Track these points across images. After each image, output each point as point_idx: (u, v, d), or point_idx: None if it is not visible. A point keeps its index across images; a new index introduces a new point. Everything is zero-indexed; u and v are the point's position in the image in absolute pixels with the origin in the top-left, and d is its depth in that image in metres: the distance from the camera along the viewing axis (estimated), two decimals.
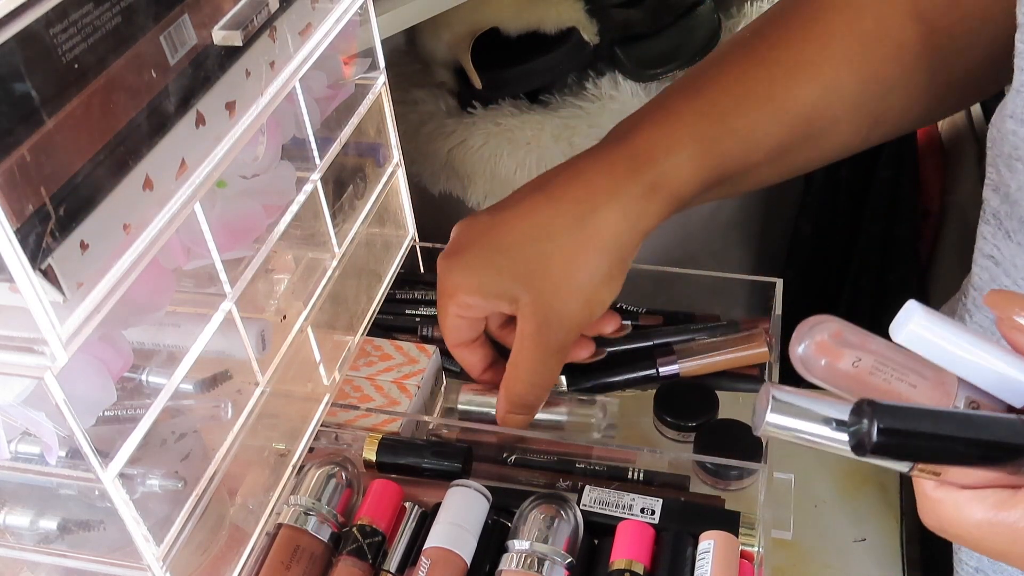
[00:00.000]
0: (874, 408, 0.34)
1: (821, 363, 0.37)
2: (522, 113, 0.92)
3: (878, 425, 0.34)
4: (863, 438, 0.34)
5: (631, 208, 0.54)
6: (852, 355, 0.37)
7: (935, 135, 1.12)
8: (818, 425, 0.37)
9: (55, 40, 0.34)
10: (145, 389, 0.45)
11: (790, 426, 0.38)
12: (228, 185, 0.49)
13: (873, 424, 0.34)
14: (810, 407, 0.38)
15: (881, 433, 0.34)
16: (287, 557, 0.53)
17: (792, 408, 0.38)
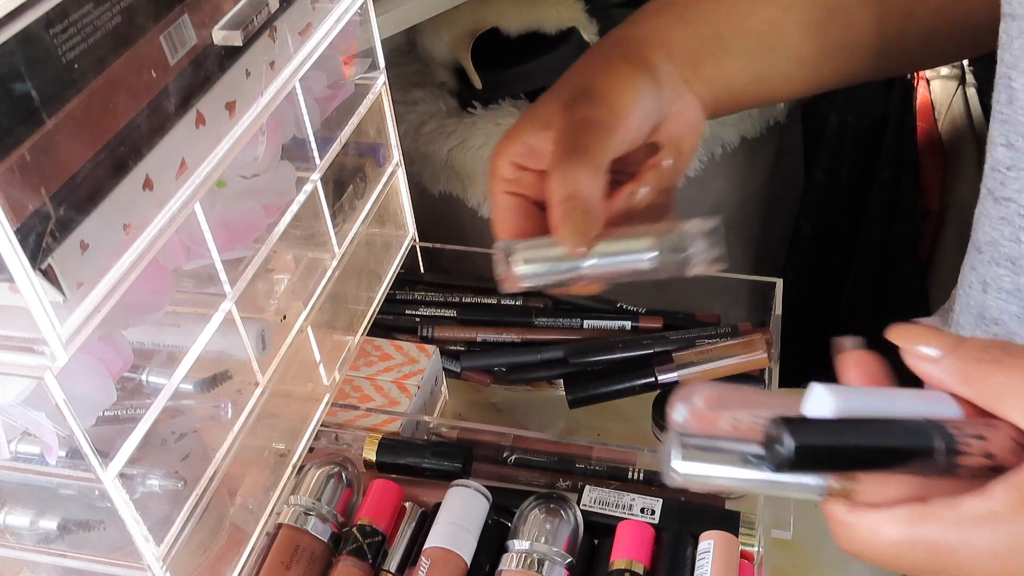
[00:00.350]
0: (787, 422, 0.34)
1: (702, 431, 0.37)
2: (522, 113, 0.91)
3: (794, 438, 0.34)
4: (781, 452, 0.34)
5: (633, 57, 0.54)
6: (729, 417, 0.38)
7: (935, 135, 1.12)
8: (731, 463, 0.37)
9: (55, 40, 0.34)
10: (145, 389, 0.45)
11: (700, 472, 0.37)
12: (228, 185, 0.49)
13: (789, 437, 0.34)
14: (720, 446, 0.37)
15: (799, 449, 0.34)
16: (287, 557, 0.53)
17: (701, 452, 0.37)
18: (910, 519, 0.35)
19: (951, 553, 0.34)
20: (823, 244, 1.16)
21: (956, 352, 0.36)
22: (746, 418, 0.37)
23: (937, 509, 0.34)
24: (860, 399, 0.36)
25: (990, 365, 0.35)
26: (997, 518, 0.33)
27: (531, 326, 0.72)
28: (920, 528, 0.34)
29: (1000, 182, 0.49)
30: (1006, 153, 0.48)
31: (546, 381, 0.72)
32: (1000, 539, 0.33)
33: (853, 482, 0.36)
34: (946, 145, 1.12)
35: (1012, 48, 0.45)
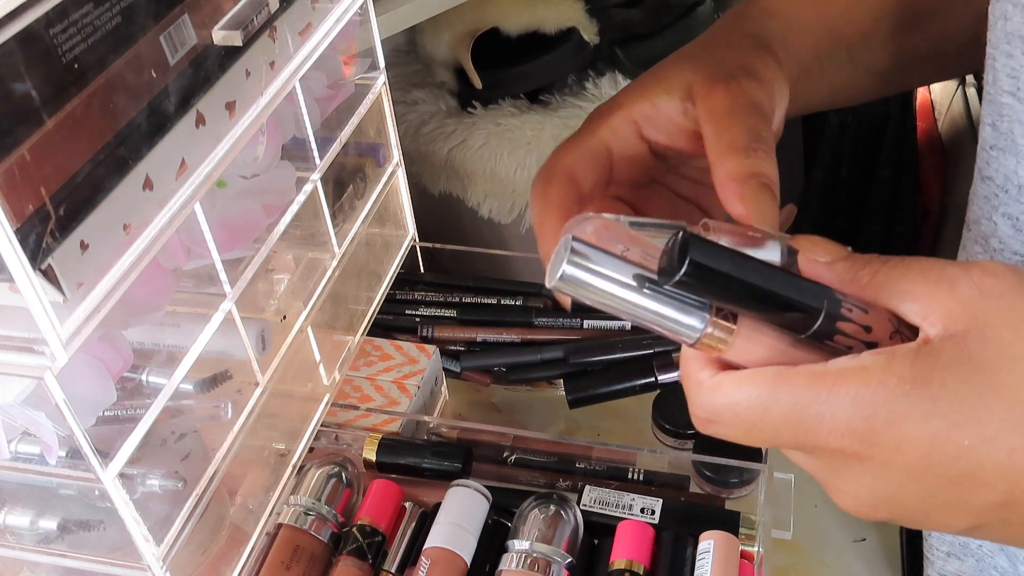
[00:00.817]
0: (691, 238, 0.33)
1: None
2: (522, 113, 0.92)
3: (692, 251, 0.32)
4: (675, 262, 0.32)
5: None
6: (620, 247, 0.36)
7: (935, 135, 1.12)
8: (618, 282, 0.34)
9: (55, 40, 0.34)
10: (145, 389, 0.45)
11: (585, 280, 0.34)
12: (228, 185, 0.49)
13: (687, 249, 0.32)
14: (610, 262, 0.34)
15: (693, 263, 0.32)
16: (287, 557, 0.53)
17: (593, 261, 0.34)
18: (776, 377, 0.33)
19: (812, 409, 0.32)
20: None
21: (849, 258, 0.35)
22: (637, 254, 0.36)
23: (804, 367, 0.33)
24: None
25: (879, 264, 0.34)
26: (865, 371, 0.32)
27: (531, 326, 0.72)
28: (785, 385, 0.33)
29: (986, 161, 0.49)
30: (991, 133, 0.48)
31: (546, 381, 0.72)
32: (866, 391, 0.31)
33: (729, 333, 0.34)
34: (946, 145, 1.12)
35: (996, 29, 0.46)
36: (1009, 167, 0.47)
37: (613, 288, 0.35)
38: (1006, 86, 0.46)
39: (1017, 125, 0.46)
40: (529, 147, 0.88)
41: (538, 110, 0.93)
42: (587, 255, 0.35)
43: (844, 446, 0.32)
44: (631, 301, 0.35)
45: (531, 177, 0.87)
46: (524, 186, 0.88)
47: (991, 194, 0.49)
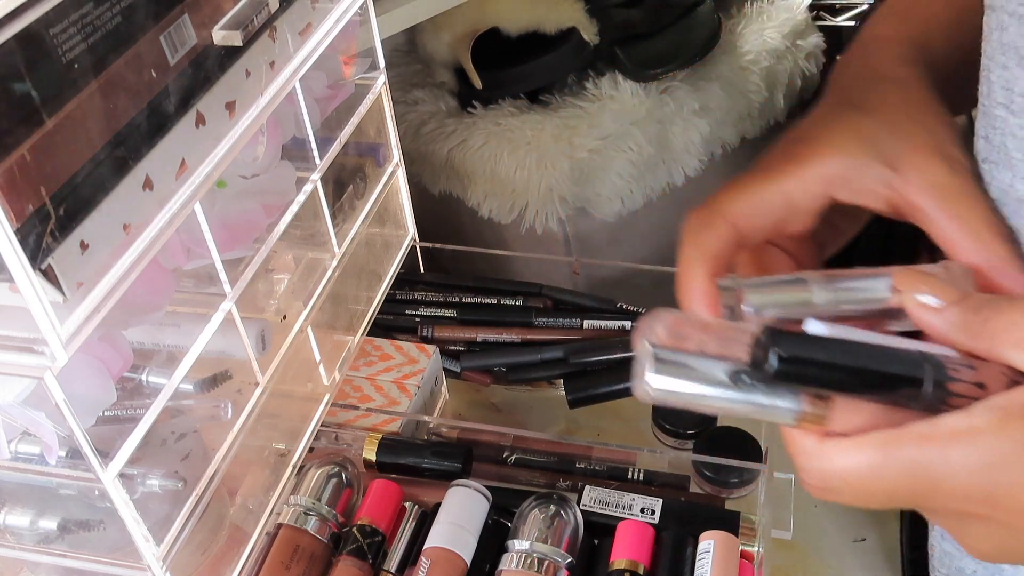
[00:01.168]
0: (777, 331, 0.33)
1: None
2: (522, 113, 0.92)
3: (783, 345, 0.32)
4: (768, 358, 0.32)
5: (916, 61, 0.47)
6: (695, 344, 0.36)
7: None
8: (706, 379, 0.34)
9: (55, 40, 0.34)
10: (145, 389, 0.45)
11: (674, 387, 0.34)
12: (228, 185, 0.49)
13: (777, 343, 0.32)
14: (693, 362, 0.35)
15: (786, 357, 0.32)
16: (287, 557, 0.53)
17: (676, 367, 0.34)
18: (885, 441, 0.33)
19: (928, 472, 0.32)
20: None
21: (960, 303, 0.34)
22: (714, 345, 0.36)
23: (913, 428, 0.32)
24: (853, 335, 0.35)
25: (991, 311, 0.33)
26: (978, 432, 0.31)
27: (531, 326, 0.72)
28: (895, 450, 0.32)
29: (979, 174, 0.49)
30: (984, 146, 0.48)
31: (546, 381, 0.72)
32: (980, 455, 0.31)
33: (827, 408, 0.34)
34: None
35: (991, 40, 0.46)
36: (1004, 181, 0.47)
37: (702, 389, 0.35)
38: (1000, 98, 0.45)
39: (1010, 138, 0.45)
40: (529, 147, 0.88)
41: (538, 110, 0.93)
42: (670, 361, 0.35)
43: (964, 509, 0.32)
44: (722, 398, 0.35)
45: (531, 177, 0.87)
46: (524, 186, 0.88)
47: None
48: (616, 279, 0.82)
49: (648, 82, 0.91)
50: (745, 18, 0.99)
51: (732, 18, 1.00)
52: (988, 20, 0.46)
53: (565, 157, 0.87)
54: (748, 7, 1.00)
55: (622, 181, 0.88)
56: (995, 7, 0.45)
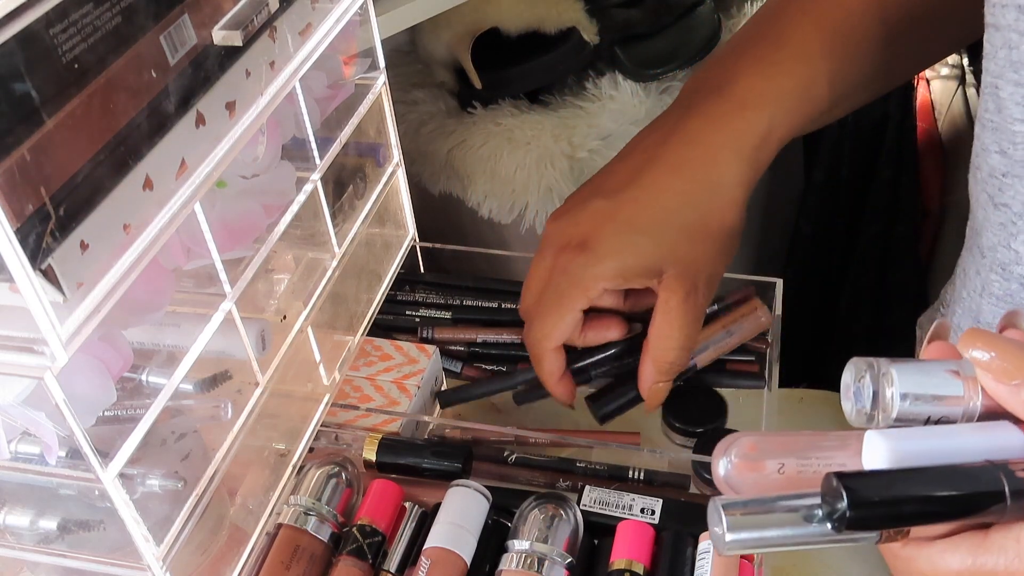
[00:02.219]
0: (843, 479, 0.33)
1: (748, 481, 0.37)
2: (522, 113, 0.92)
3: (851, 499, 0.33)
4: (840, 513, 0.33)
5: (752, 160, 0.56)
6: (774, 464, 0.37)
7: (935, 135, 1.12)
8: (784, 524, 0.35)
9: (55, 40, 0.34)
10: (145, 389, 0.45)
11: (755, 537, 0.35)
12: (228, 185, 0.49)
13: (846, 498, 0.33)
14: (767, 508, 0.35)
15: (856, 510, 0.33)
16: (287, 557, 0.53)
17: (749, 518, 0.35)
18: (971, 550, 0.34)
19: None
20: (823, 244, 1.16)
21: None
22: (792, 463, 0.37)
23: (997, 539, 0.34)
24: (916, 443, 0.35)
25: None
26: None
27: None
28: (981, 558, 0.34)
29: (998, 188, 0.49)
30: (1000, 160, 0.48)
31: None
32: None
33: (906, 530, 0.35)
34: (946, 145, 1.12)
35: (997, 58, 0.46)
36: None
37: (782, 532, 0.35)
38: (1017, 114, 0.46)
39: None
40: (529, 147, 0.88)
41: (538, 110, 0.93)
42: (742, 510, 0.35)
43: None
44: (800, 538, 0.35)
45: (531, 177, 0.87)
46: (524, 186, 0.88)
47: (1008, 221, 0.49)
48: None
49: (648, 82, 0.91)
50: (745, 18, 0.99)
51: (732, 18, 1.00)
52: (991, 38, 0.46)
53: (565, 157, 0.87)
54: (748, 7, 1.00)
55: None
56: (1000, 26, 0.45)
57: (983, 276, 0.53)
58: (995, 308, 0.53)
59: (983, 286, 0.53)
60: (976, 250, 0.54)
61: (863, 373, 0.37)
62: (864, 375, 0.37)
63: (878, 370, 0.37)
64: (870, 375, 0.37)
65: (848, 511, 0.33)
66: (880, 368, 0.37)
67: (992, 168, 0.49)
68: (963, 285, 0.56)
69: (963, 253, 0.57)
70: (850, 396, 0.38)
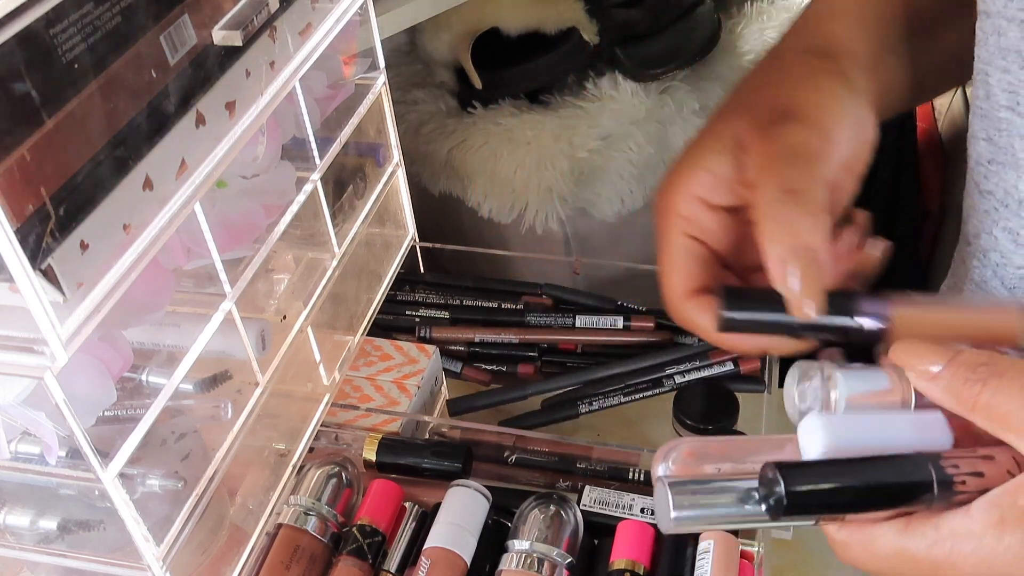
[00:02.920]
0: (780, 469, 0.35)
1: None
2: (522, 113, 0.92)
3: (787, 485, 0.35)
4: (776, 500, 0.35)
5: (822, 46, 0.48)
6: (711, 468, 0.39)
7: (935, 135, 1.12)
8: (725, 505, 0.37)
9: (55, 40, 0.34)
10: (145, 389, 0.45)
11: (699, 515, 0.37)
12: (228, 185, 0.49)
13: (782, 485, 0.35)
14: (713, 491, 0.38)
15: (792, 496, 0.35)
16: (287, 557, 0.53)
17: (696, 498, 0.37)
18: (897, 534, 0.36)
19: (934, 568, 0.36)
20: None
21: (949, 368, 0.37)
22: (729, 468, 0.39)
23: (919, 525, 0.36)
24: (851, 426, 0.37)
25: (981, 386, 0.36)
26: (976, 535, 0.35)
27: (524, 325, 0.72)
28: (905, 542, 0.36)
29: (983, 175, 0.49)
30: (987, 147, 0.48)
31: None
32: (980, 555, 0.35)
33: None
34: (946, 145, 1.12)
35: (987, 45, 0.46)
36: (1009, 181, 0.47)
37: (725, 511, 0.37)
38: (1003, 100, 0.46)
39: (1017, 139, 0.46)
40: (529, 147, 0.88)
41: (538, 110, 0.93)
42: (688, 491, 0.37)
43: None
44: (742, 517, 0.37)
45: (531, 177, 0.87)
46: (524, 186, 0.88)
47: (991, 208, 0.49)
48: (616, 279, 0.82)
49: (648, 82, 0.91)
50: (745, 18, 0.99)
51: (732, 18, 1.00)
52: (983, 25, 0.46)
53: (565, 157, 0.87)
54: (748, 7, 1.00)
55: (622, 181, 0.88)
56: (991, 13, 0.45)
57: (967, 264, 0.54)
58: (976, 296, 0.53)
59: (966, 273, 0.54)
60: (962, 238, 0.54)
61: (810, 375, 0.39)
62: (812, 377, 0.39)
63: (824, 373, 0.39)
64: (819, 377, 0.39)
65: (784, 499, 0.35)
66: (825, 371, 0.39)
67: (979, 155, 0.49)
68: (952, 274, 0.56)
69: (959, 243, 0.57)
70: (792, 398, 0.40)
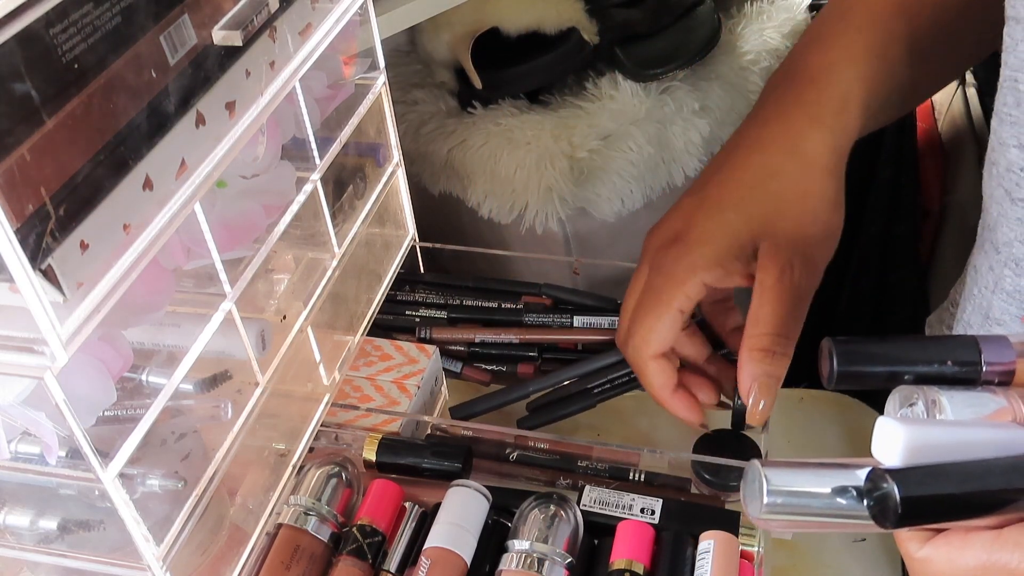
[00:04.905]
0: (892, 473, 0.34)
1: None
2: (522, 113, 0.92)
3: (900, 492, 0.33)
4: (888, 505, 0.33)
5: (833, 126, 0.55)
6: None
7: (935, 135, 1.12)
8: (823, 500, 0.35)
9: (55, 40, 0.34)
10: (145, 389, 0.45)
11: (791, 509, 0.35)
12: (228, 185, 0.49)
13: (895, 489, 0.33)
14: (810, 482, 0.36)
15: (906, 501, 0.33)
16: (287, 557, 0.53)
17: (790, 489, 0.35)
18: (985, 547, 0.35)
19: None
20: None
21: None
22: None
23: (1012, 535, 0.35)
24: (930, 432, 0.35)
25: None
26: None
27: (522, 324, 0.72)
28: (996, 555, 0.35)
29: (1016, 183, 0.49)
30: (1019, 155, 0.48)
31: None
32: None
33: None
34: (946, 145, 1.12)
35: (1017, 51, 0.46)
36: None
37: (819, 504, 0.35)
38: None
39: None
40: (529, 147, 0.88)
41: (538, 110, 0.93)
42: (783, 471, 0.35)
43: None
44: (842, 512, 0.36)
45: (531, 177, 0.87)
46: (524, 186, 0.88)
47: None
48: (616, 279, 0.82)
49: (648, 82, 0.91)
50: (745, 18, 0.99)
51: (732, 18, 1.00)
52: (1012, 31, 0.46)
53: (565, 157, 0.87)
54: (748, 7, 1.00)
55: (622, 181, 0.88)
56: (1020, 19, 0.45)
57: (996, 272, 0.53)
58: (1006, 305, 0.53)
59: (995, 282, 0.53)
60: (990, 246, 0.54)
61: (912, 400, 0.38)
62: (915, 402, 0.38)
63: (927, 397, 0.37)
64: (922, 402, 0.38)
65: (899, 507, 0.33)
66: (928, 395, 0.37)
67: (1010, 163, 0.49)
68: (974, 282, 0.56)
69: (974, 250, 0.56)
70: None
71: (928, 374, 0.38)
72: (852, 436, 0.72)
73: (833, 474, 0.36)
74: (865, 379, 0.39)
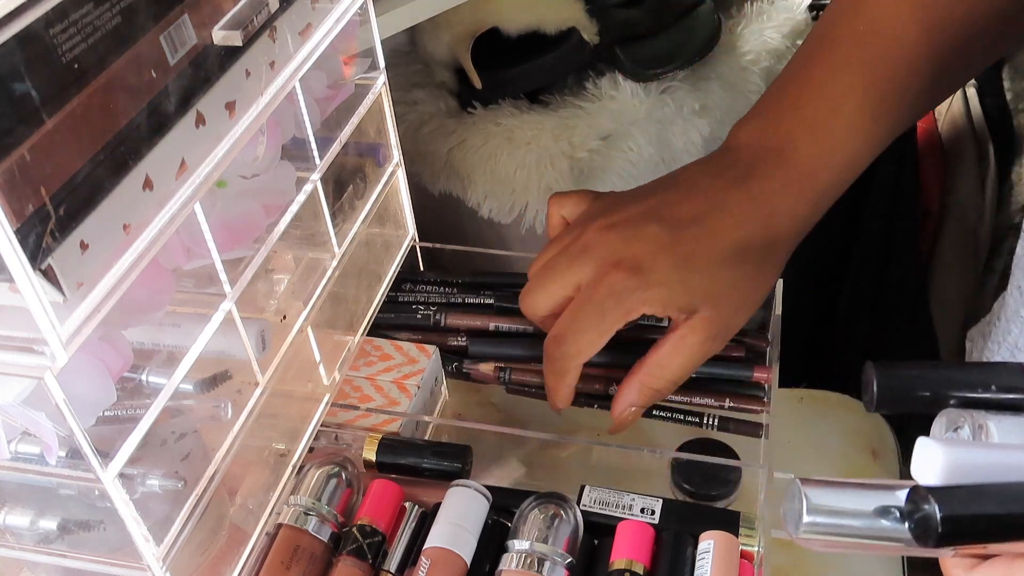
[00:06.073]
0: (933, 492, 0.33)
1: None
2: (522, 113, 0.92)
3: (941, 511, 0.33)
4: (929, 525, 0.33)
5: (806, 224, 0.59)
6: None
7: (935, 135, 1.12)
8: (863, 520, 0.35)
9: (55, 40, 0.34)
10: (145, 389, 0.45)
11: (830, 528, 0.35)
12: (228, 185, 0.49)
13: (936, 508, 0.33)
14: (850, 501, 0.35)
15: (947, 520, 0.33)
16: (287, 557, 0.53)
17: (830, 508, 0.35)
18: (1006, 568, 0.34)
19: None
20: (823, 244, 1.16)
21: None
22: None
23: None
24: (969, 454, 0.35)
25: None
26: None
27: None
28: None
29: None
30: None
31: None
32: None
33: None
34: (946, 145, 1.12)
35: None
36: None
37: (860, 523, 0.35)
38: None
39: None
40: (529, 147, 0.88)
41: (538, 110, 0.93)
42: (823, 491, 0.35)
43: None
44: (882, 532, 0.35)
45: (531, 177, 0.87)
46: (524, 186, 0.88)
47: None
48: None
49: (648, 82, 0.91)
50: (745, 18, 0.99)
51: (732, 18, 1.00)
52: None
53: (565, 157, 0.87)
54: (748, 7, 1.00)
55: (622, 181, 0.88)
56: None
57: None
58: None
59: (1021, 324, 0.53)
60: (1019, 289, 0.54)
61: (958, 424, 0.38)
62: (961, 427, 0.38)
63: (974, 421, 0.37)
64: (968, 426, 0.37)
65: (940, 526, 0.33)
66: (975, 420, 0.37)
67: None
68: (1021, 304, 0.56)
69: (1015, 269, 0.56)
70: None
71: (971, 399, 0.38)
72: (852, 436, 0.72)
73: (873, 494, 0.35)
74: (907, 403, 0.39)
